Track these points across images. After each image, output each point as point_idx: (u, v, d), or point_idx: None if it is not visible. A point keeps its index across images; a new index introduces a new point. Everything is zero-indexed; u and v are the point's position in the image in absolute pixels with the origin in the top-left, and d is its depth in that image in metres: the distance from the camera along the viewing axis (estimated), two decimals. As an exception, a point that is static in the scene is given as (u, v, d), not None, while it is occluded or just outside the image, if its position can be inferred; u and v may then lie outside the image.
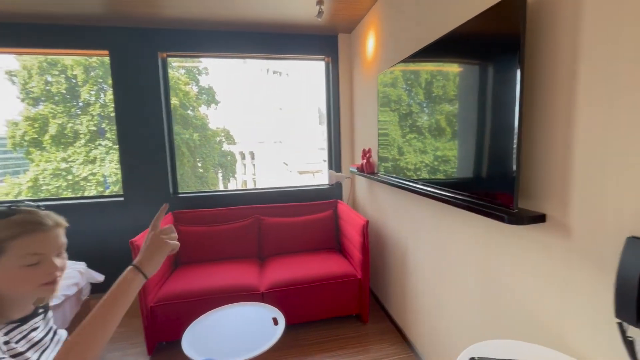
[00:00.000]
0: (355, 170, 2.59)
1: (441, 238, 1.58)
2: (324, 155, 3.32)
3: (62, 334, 0.88)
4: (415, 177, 1.69)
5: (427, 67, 1.55)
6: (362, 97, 2.68)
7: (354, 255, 2.37)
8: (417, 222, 1.83)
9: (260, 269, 2.41)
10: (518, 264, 1.10)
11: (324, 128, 3.22)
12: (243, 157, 19.55)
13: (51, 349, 0.81)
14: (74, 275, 2.00)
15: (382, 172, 2.16)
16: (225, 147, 15.72)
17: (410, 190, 1.63)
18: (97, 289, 2.32)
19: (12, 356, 0.69)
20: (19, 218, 0.72)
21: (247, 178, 19.41)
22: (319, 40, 2.95)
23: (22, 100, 10.95)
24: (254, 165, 19.84)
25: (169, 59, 2.79)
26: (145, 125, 2.71)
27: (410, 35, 1.79)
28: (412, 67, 1.68)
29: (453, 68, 1.33)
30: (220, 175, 15.19)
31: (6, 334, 0.72)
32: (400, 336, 2.12)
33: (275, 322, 1.57)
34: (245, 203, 2.89)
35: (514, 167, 0.97)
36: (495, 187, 1.08)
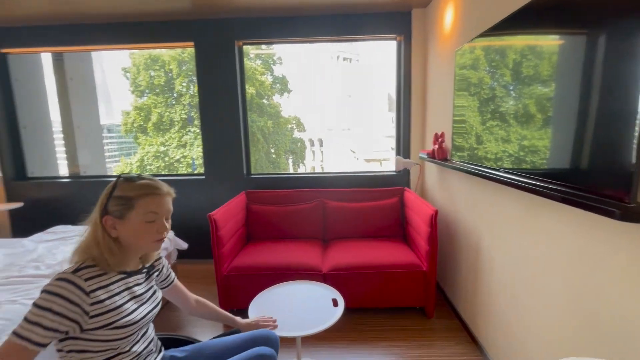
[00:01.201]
0: (426, 156, 2.41)
1: (525, 234, 1.37)
2: (392, 143, 3.18)
3: (159, 294, 1.02)
4: (495, 167, 1.49)
5: (514, 42, 1.33)
6: (437, 76, 2.46)
7: (420, 245, 2.24)
8: (495, 215, 1.63)
9: (323, 251, 2.45)
10: (630, 273, 0.89)
11: (393, 115, 3.07)
12: (312, 144, 20.08)
13: (148, 304, 0.93)
14: (165, 242, 2.30)
15: (457, 160, 1.97)
16: (296, 134, 16.32)
17: (491, 178, 1.44)
18: (182, 255, 2.65)
19: (95, 303, 0.80)
20: (144, 183, 0.88)
21: (315, 164, 19.92)
22: (391, 18, 2.78)
23: (132, 92, 12.91)
24: (322, 152, 20.24)
25: (245, 48, 2.95)
26: (223, 111, 2.94)
27: (494, 2, 1.55)
28: (496, 41, 1.46)
29: (548, 41, 1.11)
30: (290, 161, 15.90)
31: (113, 283, 0.85)
32: (468, 336, 1.96)
33: (335, 303, 1.58)
34: (311, 186, 2.96)
35: (634, 156, 0.77)
36: (603, 179, 0.88)
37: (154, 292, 0.98)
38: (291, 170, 15.69)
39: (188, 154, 12.39)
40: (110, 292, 0.83)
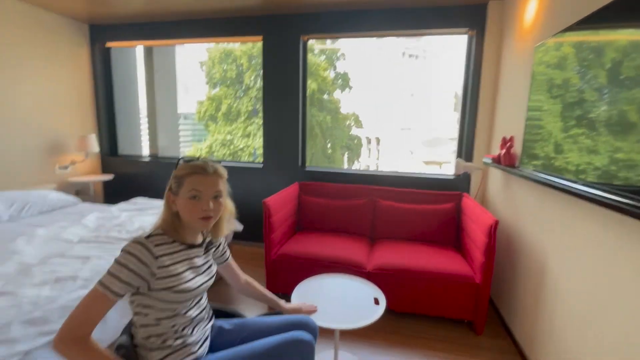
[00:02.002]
0: (490, 161, 2.23)
1: (605, 258, 1.20)
2: (455, 145, 3.00)
3: (214, 268, 1.10)
4: (575, 180, 1.32)
5: (613, 37, 1.15)
6: (510, 75, 2.25)
7: (475, 256, 2.09)
8: (568, 234, 1.45)
9: (370, 249, 2.43)
10: None
11: (458, 116, 2.88)
12: (369, 141, 19.78)
13: (204, 275, 1.02)
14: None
15: (529, 167, 1.79)
16: (354, 130, 16.23)
17: (571, 192, 1.28)
18: (237, 237, 2.85)
19: (162, 267, 0.90)
20: (193, 164, 0.96)
21: (371, 162, 19.61)
22: (463, 11, 2.60)
23: (207, 83, 14.06)
24: (378, 150, 19.82)
25: (310, 43, 3.02)
26: (285, 104, 3.06)
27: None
28: (588, 36, 1.28)
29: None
30: (345, 157, 15.90)
31: (177, 252, 0.95)
32: (522, 361, 1.79)
33: (376, 302, 1.57)
34: (363, 183, 2.94)
35: None
36: None
37: (210, 266, 1.07)
38: (345, 166, 15.71)
39: (251, 143, 13.14)
40: (173, 259, 0.93)
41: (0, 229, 2.09)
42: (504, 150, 2.06)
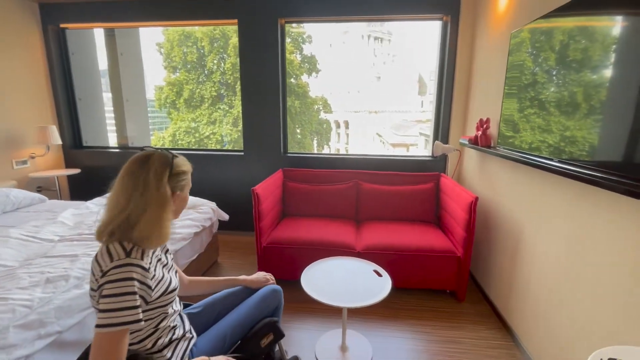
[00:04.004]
0: (467, 143, 2.38)
1: (574, 227, 1.36)
2: (420, 128, 3.13)
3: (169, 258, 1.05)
4: (549, 157, 1.47)
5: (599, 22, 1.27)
6: (485, 60, 2.38)
7: (456, 231, 2.25)
8: (541, 206, 1.61)
9: (357, 231, 2.52)
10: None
11: (423, 99, 3.00)
12: (338, 125, 19.89)
13: (172, 270, 0.99)
14: (209, 212, 2.45)
15: (502, 146, 1.94)
16: (322, 115, 16.22)
17: (540, 167, 1.43)
18: (223, 226, 2.81)
19: (152, 277, 0.85)
20: (182, 159, 0.96)
21: (340, 147, 19.81)
22: (439, -3, 2.68)
23: (165, 67, 13.22)
24: (347, 134, 20.04)
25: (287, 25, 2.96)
26: (263, 90, 3.00)
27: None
28: (566, 23, 1.39)
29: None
30: (315, 142, 15.91)
31: (153, 256, 0.90)
32: (499, 322, 1.99)
33: (378, 274, 1.67)
34: (344, 167, 3.00)
35: None
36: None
37: (170, 254, 1.04)
38: (315, 151, 15.75)
39: (217, 130, 12.70)
40: (155, 264, 0.89)
41: (-38, 232, 1.90)
42: (480, 132, 2.21)
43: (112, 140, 3.65)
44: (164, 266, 0.95)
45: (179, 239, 1.99)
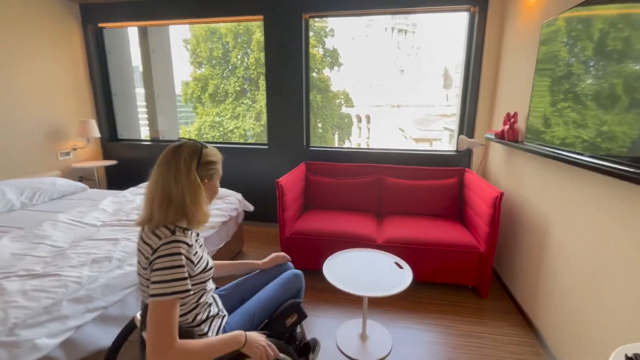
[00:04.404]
0: (493, 137, 2.33)
1: (606, 223, 1.33)
2: (445, 122, 3.07)
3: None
4: (580, 152, 1.43)
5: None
6: (515, 51, 2.31)
7: (479, 227, 2.23)
8: (570, 201, 1.57)
9: (378, 224, 2.54)
10: None
11: (448, 92, 2.94)
12: (359, 120, 19.73)
13: (205, 250, 1.07)
14: (235, 202, 2.56)
15: (531, 141, 1.89)
16: (344, 109, 16.15)
17: (575, 163, 1.39)
18: (248, 217, 2.92)
19: (195, 254, 0.94)
20: (213, 150, 1.04)
21: (361, 141, 19.66)
22: (467, -13, 2.62)
23: (191, 63, 13.59)
24: (368, 129, 19.83)
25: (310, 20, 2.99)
26: (287, 85, 3.06)
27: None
28: (601, 11, 1.34)
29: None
30: (336, 136, 15.90)
31: (193, 236, 0.98)
32: (523, 320, 1.97)
33: (399, 266, 1.69)
34: (366, 161, 3.02)
35: None
36: None
37: (202, 242, 1.11)
38: (337, 145, 15.73)
39: (241, 125, 12.96)
40: (195, 244, 0.97)
41: (17, 216, 2.11)
42: (507, 126, 2.16)
43: (144, 133, 3.85)
44: (201, 246, 1.04)
45: (208, 227, 2.11)
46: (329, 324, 1.93)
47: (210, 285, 1.07)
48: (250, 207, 2.76)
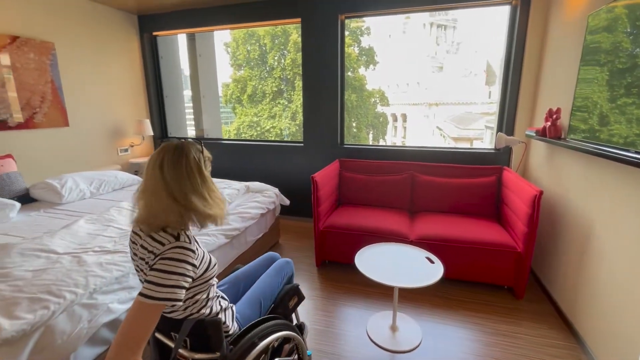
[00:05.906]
0: (534, 134, 2.26)
1: (653, 220, 1.27)
2: (487, 120, 2.99)
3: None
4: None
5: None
6: (558, 45, 2.21)
7: (517, 226, 2.17)
8: (615, 201, 1.51)
9: (411, 221, 2.56)
10: None
11: (491, 89, 2.85)
12: (395, 119, 19.38)
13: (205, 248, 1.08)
14: (272, 196, 2.71)
15: (575, 138, 1.82)
16: (379, 108, 15.99)
17: (622, 160, 1.33)
18: (284, 212, 3.07)
19: (197, 257, 0.90)
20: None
21: (397, 140, 19.30)
22: (510, -20, 2.54)
23: (231, 65, 14.22)
24: (404, 128, 19.40)
25: (346, 20, 3.06)
26: (323, 84, 3.16)
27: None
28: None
29: None
30: (370, 136, 15.78)
31: (195, 237, 0.96)
32: (562, 322, 1.90)
33: (430, 261, 1.73)
34: (399, 159, 3.03)
35: None
36: None
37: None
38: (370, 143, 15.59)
39: (277, 124, 13.35)
40: (196, 245, 0.93)
41: (87, 203, 2.42)
42: (549, 122, 2.08)
43: (190, 132, 4.16)
44: (200, 246, 1.00)
45: (248, 218, 2.27)
46: (359, 314, 2.00)
47: (215, 280, 1.05)
48: (287, 201, 2.90)
